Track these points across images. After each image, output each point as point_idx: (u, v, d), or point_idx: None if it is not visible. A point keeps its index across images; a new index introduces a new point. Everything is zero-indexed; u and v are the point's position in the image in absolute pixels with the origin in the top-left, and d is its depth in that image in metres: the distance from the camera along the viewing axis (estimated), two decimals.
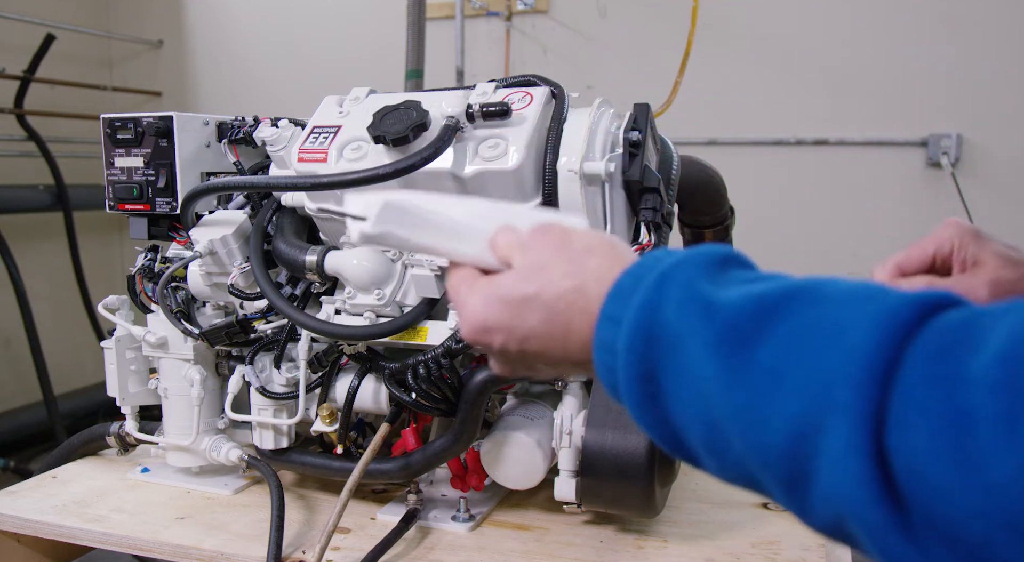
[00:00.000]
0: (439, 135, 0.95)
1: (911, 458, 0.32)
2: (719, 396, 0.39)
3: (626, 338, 0.44)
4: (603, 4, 3.02)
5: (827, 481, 0.35)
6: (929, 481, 0.32)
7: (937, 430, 0.32)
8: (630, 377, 0.44)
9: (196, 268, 1.14)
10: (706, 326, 0.40)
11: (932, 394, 0.32)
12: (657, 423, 0.44)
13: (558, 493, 1.00)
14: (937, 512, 0.32)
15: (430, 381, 0.96)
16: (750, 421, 0.38)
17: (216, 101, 3.69)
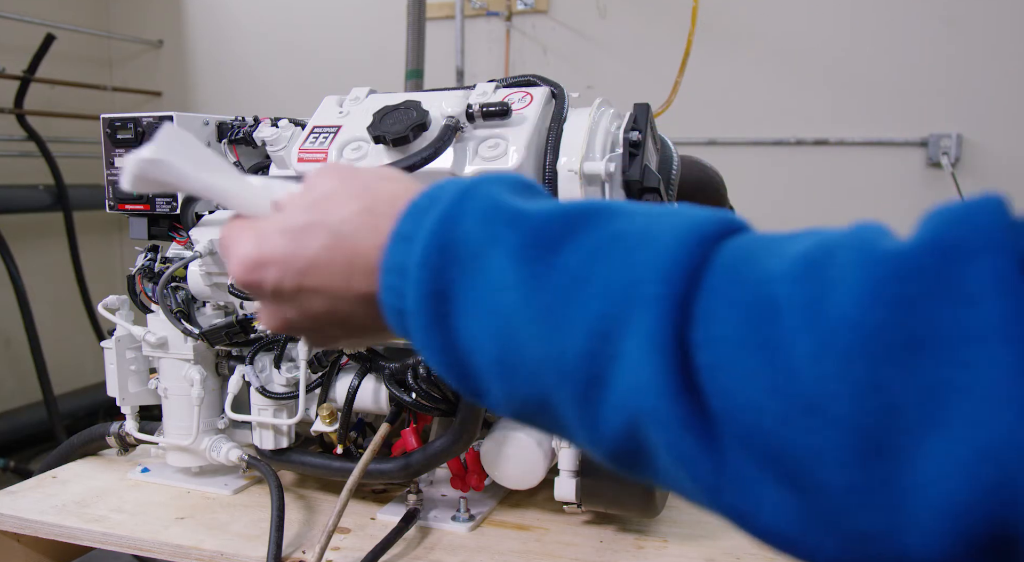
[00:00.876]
0: (439, 135, 0.95)
1: (714, 350, 0.32)
2: (518, 304, 0.37)
3: (419, 254, 0.40)
4: (603, 4, 3.02)
5: (625, 379, 0.34)
6: (729, 371, 0.32)
7: (741, 319, 0.32)
8: (420, 296, 0.40)
9: (196, 268, 1.14)
10: (511, 233, 0.38)
11: (737, 288, 0.33)
12: (444, 348, 0.40)
13: (558, 493, 1.00)
14: (736, 404, 0.32)
15: (430, 381, 0.96)
16: (550, 326, 0.36)
17: (216, 101, 3.69)
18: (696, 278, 0.34)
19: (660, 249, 0.35)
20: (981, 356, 0.27)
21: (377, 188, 0.45)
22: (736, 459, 0.32)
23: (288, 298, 0.46)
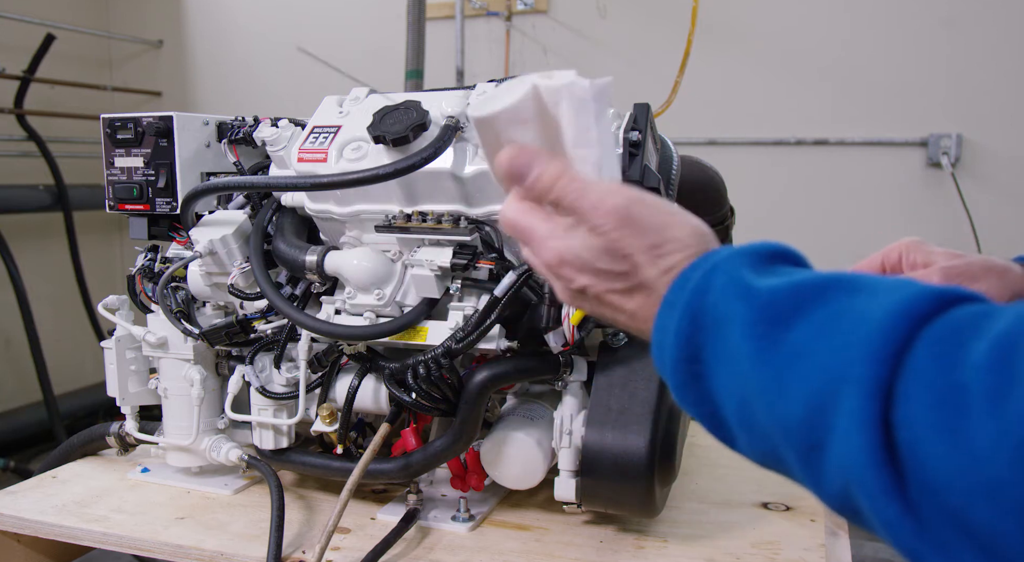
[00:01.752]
0: (439, 135, 0.95)
1: (911, 429, 0.35)
2: (751, 372, 0.42)
3: (676, 321, 0.47)
4: (603, 4, 3.02)
5: (838, 449, 0.38)
6: (925, 449, 0.35)
7: (935, 403, 0.35)
8: (677, 360, 0.47)
9: (196, 268, 1.14)
10: (745, 308, 0.43)
11: (935, 372, 0.35)
12: (699, 401, 0.47)
13: (558, 493, 1.00)
14: (929, 479, 0.35)
15: (430, 381, 0.96)
16: (775, 394, 0.41)
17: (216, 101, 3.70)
18: (901, 358, 0.37)
19: (873, 328, 0.38)
20: None
21: (666, 232, 0.51)
22: (936, 526, 0.35)
23: (581, 295, 0.55)
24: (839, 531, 1.03)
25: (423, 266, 1.00)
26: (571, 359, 1.02)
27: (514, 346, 1.00)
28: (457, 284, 1.02)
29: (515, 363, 0.99)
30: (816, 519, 1.06)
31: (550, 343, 0.97)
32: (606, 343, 1.02)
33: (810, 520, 1.05)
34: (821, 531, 1.02)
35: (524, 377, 1.02)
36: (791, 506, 1.10)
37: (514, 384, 1.10)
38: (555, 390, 1.05)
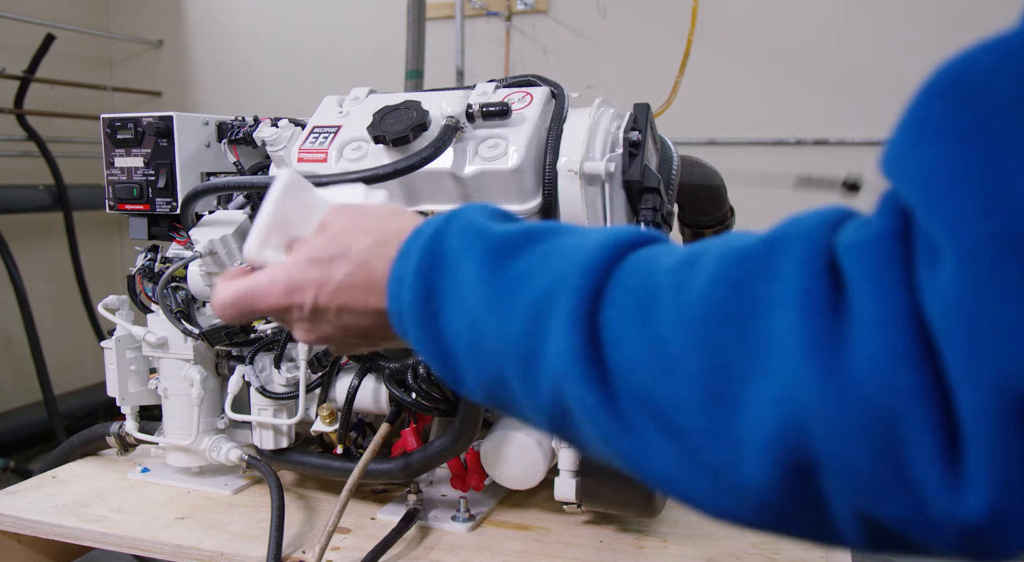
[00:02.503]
0: (439, 135, 0.95)
1: (613, 328, 0.41)
2: (480, 298, 0.46)
3: (413, 265, 0.50)
4: (603, 4, 3.02)
5: (551, 350, 0.42)
6: (622, 342, 0.40)
7: (632, 303, 0.41)
8: (414, 298, 0.50)
9: (196, 268, 1.14)
10: (480, 243, 0.48)
11: (634, 281, 0.42)
12: (432, 340, 0.50)
13: (558, 493, 1.00)
14: (625, 367, 0.40)
15: (430, 381, 0.96)
16: (501, 314, 0.45)
17: (216, 101, 3.70)
18: (608, 273, 0.42)
19: (586, 253, 0.44)
20: (780, 319, 0.35)
21: (387, 224, 0.55)
22: (628, 410, 0.40)
23: (322, 314, 0.56)
24: None
25: None
26: None
27: None
28: None
29: None
30: None
31: None
32: None
33: None
34: None
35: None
36: None
37: None
38: None
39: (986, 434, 0.29)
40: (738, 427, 0.36)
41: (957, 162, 0.31)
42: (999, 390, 0.29)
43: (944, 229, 0.31)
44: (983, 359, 0.29)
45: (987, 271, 0.30)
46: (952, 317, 0.30)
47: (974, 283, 0.30)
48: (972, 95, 0.32)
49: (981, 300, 0.29)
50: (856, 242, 0.34)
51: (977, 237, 0.30)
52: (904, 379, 0.31)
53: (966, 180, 0.31)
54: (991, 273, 0.29)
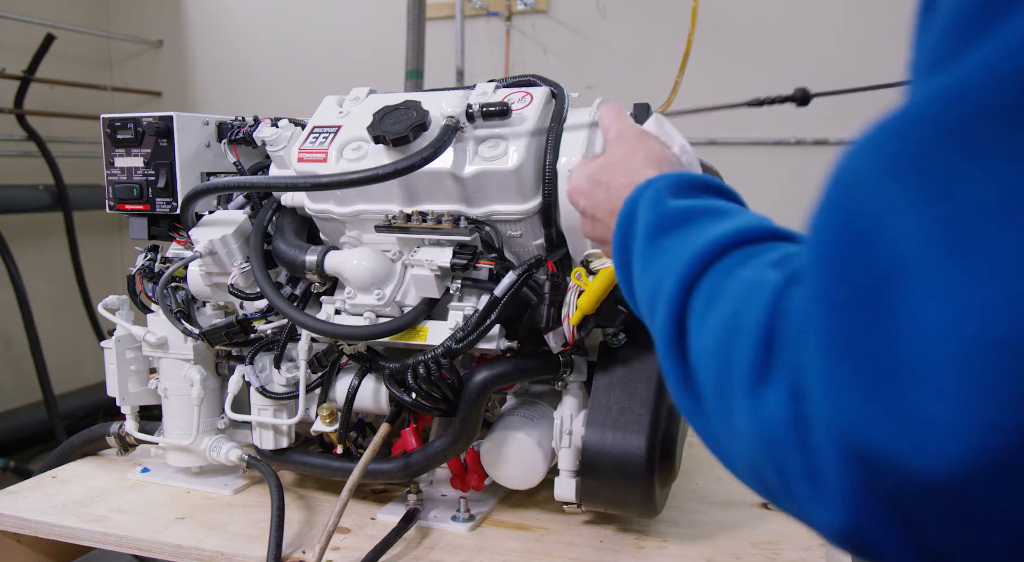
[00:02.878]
0: (439, 135, 0.95)
1: (691, 311, 0.51)
2: (639, 260, 0.60)
3: (621, 218, 0.65)
4: (603, 4, 3.02)
5: (658, 314, 0.54)
6: (692, 325, 0.50)
7: (704, 300, 0.50)
8: (616, 244, 0.65)
9: (196, 268, 1.14)
10: (649, 217, 0.61)
11: (715, 280, 0.51)
12: (623, 276, 0.64)
13: (558, 493, 1.00)
14: (691, 342, 0.50)
15: (430, 381, 0.96)
16: (644, 276, 0.59)
17: (216, 101, 3.69)
18: (707, 268, 0.52)
19: (702, 243, 0.53)
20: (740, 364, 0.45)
21: (638, 171, 0.72)
22: (692, 378, 0.50)
23: (588, 215, 0.78)
24: None
25: (423, 266, 1.00)
26: (571, 359, 1.02)
27: (514, 346, 1.00)
28: (457, 284, 1.02)
29: (515, 363, 0.99)
30: None
31: (550, 343, 0.97)
32: (606, 343, 1.02)
33: None
34: None
35: (524, 377, 1.02)
36: None
37: (514, 384, 1.10)
38: (555, 390, 1.04)
39: (833, 466, 0.37)
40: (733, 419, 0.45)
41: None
42: (844, 441, 0.36)
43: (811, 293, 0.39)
44: (837, 426, 0.36)
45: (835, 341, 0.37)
46: (815, 388, 0.38)
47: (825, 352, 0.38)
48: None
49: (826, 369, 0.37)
50: (789, 307, 0.42)
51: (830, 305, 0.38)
52: (784, 434, 0.39)
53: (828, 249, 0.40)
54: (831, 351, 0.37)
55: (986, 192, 0.33)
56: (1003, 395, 0.31)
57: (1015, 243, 0.31)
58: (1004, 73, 0.33)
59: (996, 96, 0.33)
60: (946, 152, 0.34)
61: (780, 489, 0.41)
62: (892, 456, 0.34)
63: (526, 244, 1.03)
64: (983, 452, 0.32)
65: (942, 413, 0.32)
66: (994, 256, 0.32)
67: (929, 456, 0.33)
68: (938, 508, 0.33)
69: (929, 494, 0.33)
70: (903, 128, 0.37)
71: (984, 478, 0.32)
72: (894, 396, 0.34)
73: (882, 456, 0.34)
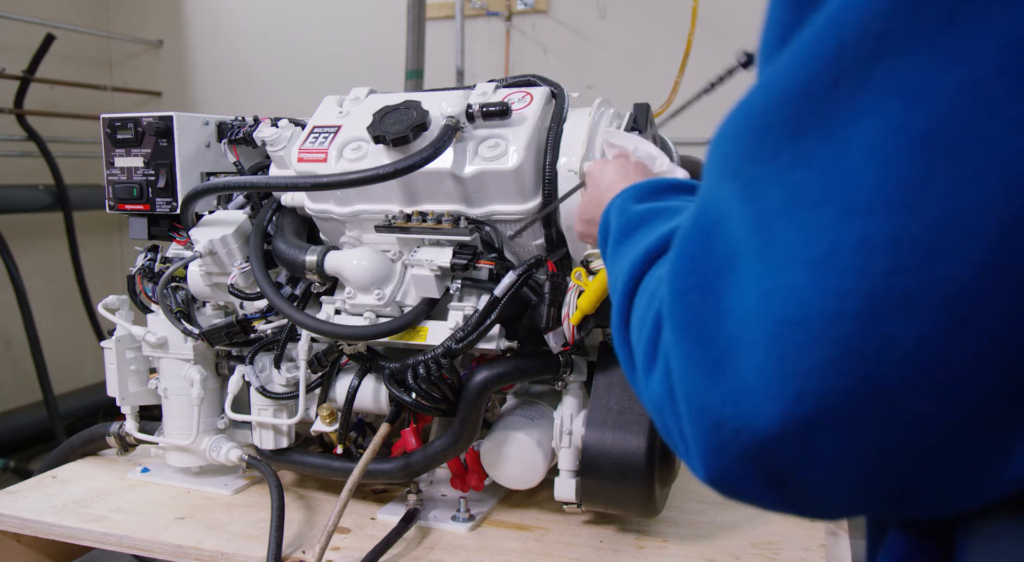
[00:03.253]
0: (439, 135, 0.95)
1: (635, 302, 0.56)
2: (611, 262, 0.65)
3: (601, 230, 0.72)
4: (603, 4, 3.02)
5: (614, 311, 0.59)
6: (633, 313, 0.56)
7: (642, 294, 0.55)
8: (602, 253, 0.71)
9: (196, 268, 1.14)
10: (617, 223, 0.68)
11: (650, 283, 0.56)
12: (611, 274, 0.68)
13: (558, 493, 1.00)
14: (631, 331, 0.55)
15: (430, 381, 0.96)
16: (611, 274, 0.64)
17: (216, 101, 3.70)
18: (643, 272, 0.57)
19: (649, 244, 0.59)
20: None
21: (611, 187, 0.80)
22: (632, 356, 0.54)
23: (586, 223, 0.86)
24: (839, 531, 1.03)
25: (423, 266, 1.00)
26: (571, 359, 1.02)
27: (514, 346, 1.00)
28: (457, 284, 1.02)
29: (515, 363, 0.99)
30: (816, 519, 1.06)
31: (550, 343, 0.97)
32: (606, 343, 1.02)
33: (810, 520, 1.05)
34: (821, 531, 1.02)
35: (524, 377, 1.02)
36: None
37: (514, 384, 1.10)
38: (555, 390, 1.04)
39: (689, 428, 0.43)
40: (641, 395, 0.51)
41: None
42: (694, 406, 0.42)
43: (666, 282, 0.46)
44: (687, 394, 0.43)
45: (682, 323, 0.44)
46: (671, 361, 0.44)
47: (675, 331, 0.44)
48: None
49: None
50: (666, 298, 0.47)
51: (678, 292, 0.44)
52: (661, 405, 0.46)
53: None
54: None
55: (778, 195, 0.39)
56: (802, 366, 0.37)
57: (799, 240, 0.37)
58: (791, 82, 0.39)
59: (782, 109, 0.39)
60: (754, 155, 0.40)
61: (673, 448, 0.47)
62: (729, 420, 0.40)
63: (526, 244, 1.03)
64: (796, 412, 0.37)
65: (759, 384, 0.38)
66: (785, 250, 0.38)
67: (756, 418, 0.38)
68: (776, 457, 0.39)
69: (765, 448, 0.39)
70: (731, 127, 0.43)
71: (802, 432, 0.37)
72: (724, 371, 0.40)
73: (722, 420, 0.40)
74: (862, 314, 0.36)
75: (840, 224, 0.36)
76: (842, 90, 0.37)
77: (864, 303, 0.35)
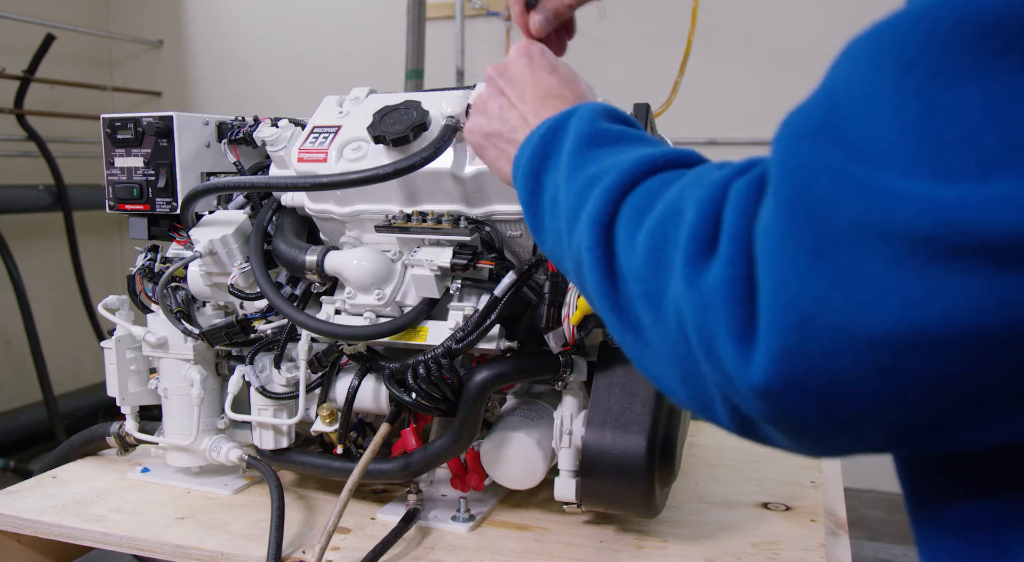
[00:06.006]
0: (439, 135, 0.95)
1: (619, 224, 0.53)
2: (566, 167, 0.61)
3: (547, 127, 0.66)
4: (603, 4, 3.02)
5: (581, 222, 0.56)
6: (619, 237, 0.53)
7: (632, 212, 0.53)
8: (532, 156, 0.66)
9: (196, 268, 1.14)
10: (584, 129, 0.63)
11: (643, 194, 0.53)
12: (531, 190, 0.65)
13: (558, 493, 1.00)
14: (618, 250, 0.52)
15: (430, 381, 0.96)
16: (572, 178, 0.60)
17: (216, 101, 3.70)
18: (643, 177, 0.54)
19: (632, 159, 0.56)
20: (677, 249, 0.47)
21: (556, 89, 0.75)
22: (624, 290, 0.52)
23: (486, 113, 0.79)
24: (839, 531, 1.03)
25: (423, 266, 1.00)
26: (571, 359, 1.02)
27: (514, 346, 1.00)
28: (457, 284, 1.02)
29: (515, 363, 0.99)
30: (816, 519, 1.06)
31: (550, 343, 0.97)
32: (606, 343, 1.02)
33: (810, 520, 1.05)
34: (821, 531, 1.02)
35: (524, 377, 1.02)
36: (791, 506, 1.10)
37: (514, 384, 1.10)
38: (555, 390, 1.05)
39: (770, 320, 0.40)
40: (662, 298, 0.47)
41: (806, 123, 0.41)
42: (785, 294, 0.39)
43: (774, 162, 0.42)
44: (779, 280, 0.39)
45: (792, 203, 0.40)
46: (763, 245, 0.41)
47: (780, 212, 0.40)
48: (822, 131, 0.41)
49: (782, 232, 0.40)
50: (735, 187, 0.45)
51: (793, 169, 0.40)
52: (719, 296, 0.42)
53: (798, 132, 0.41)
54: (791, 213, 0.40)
55: (980, 97, 0.35)
56: (947, 268, 0.35)
57: (1008, 146, 0.34)
58: None
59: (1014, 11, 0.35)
60: (946, 53, 0.36)
61: (704, 356, 0.44)
62: (829, 314, 0.37)
63: (526, 244, 1.03)
64: (917, 317, 0.35)
65: (887, 279, 0.36)
66: (977, 155, 0.35)
67: (869, 314, 0.36)
68: (860, 366, 0.37)
69: (859, 352, 0.37)
70: (904, 26, 0.39)
71: (909, 344, 0.36)
72: (840, 261, 0.37)
73: (818, 314, 0.38)
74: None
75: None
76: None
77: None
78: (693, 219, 0.45)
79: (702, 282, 0.43)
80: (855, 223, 0.37)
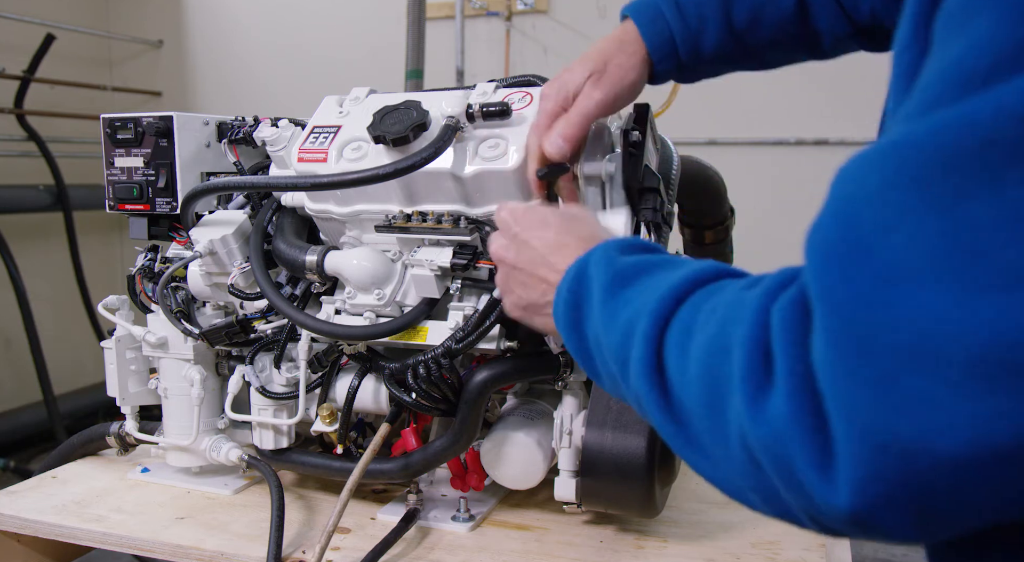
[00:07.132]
0: (439, 135, 0.95)
1: (667, 347, 0.54)
2: (599, 316, 0.62)
3: (571, 278, 0.67)
4: (603, 4, 3.02)
5: (632, 365, 0.57)
6: (670, 359, 0.54)
7: (679, 333, 0.54)
8: (567, 307, 0.67)
9: (196, 268, 1.14)
10: (606, 272, 0.64)
11: (687, 314, 0.54)
12: (577, 339, 0.66)
13: (558, 493, 1.00)
14: (670, 375, 0.53)
15: (430, 381, 0.96)
16: (609, 329, 0.61)
17: (216, 101, 3.70)
18: (678, 304, 0.55)
19: (667, 287, 0.57)
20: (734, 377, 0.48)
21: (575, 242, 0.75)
22: (674, 406, 0.53)
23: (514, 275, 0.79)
24: None
25: (423, 266, 1.00)
26: (571, 359, 1.02)
27: (514, 346, 1.00)
28: (457, 284, 1.02)
29: (515, 363, 0.99)
30: None
31: (550, 343, 0.97)
32: None
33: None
34: None
35: (524, 377, 1.02)
36: None
37: (514, 384, 1.10)
38: (555, 390, 1.05)
39: (847, 451, 0.40)
40: (727, 432, 0.48)
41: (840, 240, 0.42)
42: (858, 426, 0.40)
43: (813, 292, 0.43)
44: (849, 413, 0.40)
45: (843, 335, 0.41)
46: (825, 379, 0.42)
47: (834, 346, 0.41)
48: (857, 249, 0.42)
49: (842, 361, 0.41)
50: (776, 316, 0.46)
51: (835, 303, 0.41)
52: (791, 429, 0.43)
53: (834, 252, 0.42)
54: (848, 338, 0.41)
55: (991, 210, 0.37)
56: (1006, 386, 0.36)
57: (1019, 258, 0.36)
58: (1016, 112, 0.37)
59: (1007, 129, 0.37)
60: (951, 171, 0.38)
61: (784, 485, 0.44)
62: (900, 440, 0.39)
63: None
64: (989, 436, 0.37)
65: (952, 403, 0.37)
66: (999, 268, 0.37)
67: (942, 438, 0.38)
68: (944, 484, 0.38)
69: (941, 471, 0.38)
70: (909, 149, 0.40)
71: (989, 458, 0.37)
72: (901, 388, 0.39)
73: (890, 441, 0.39)
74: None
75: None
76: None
77: None
78: (743, 357, 0.46)
79: (767, 417, 0.44)
80: (907, 349, 0.39)
